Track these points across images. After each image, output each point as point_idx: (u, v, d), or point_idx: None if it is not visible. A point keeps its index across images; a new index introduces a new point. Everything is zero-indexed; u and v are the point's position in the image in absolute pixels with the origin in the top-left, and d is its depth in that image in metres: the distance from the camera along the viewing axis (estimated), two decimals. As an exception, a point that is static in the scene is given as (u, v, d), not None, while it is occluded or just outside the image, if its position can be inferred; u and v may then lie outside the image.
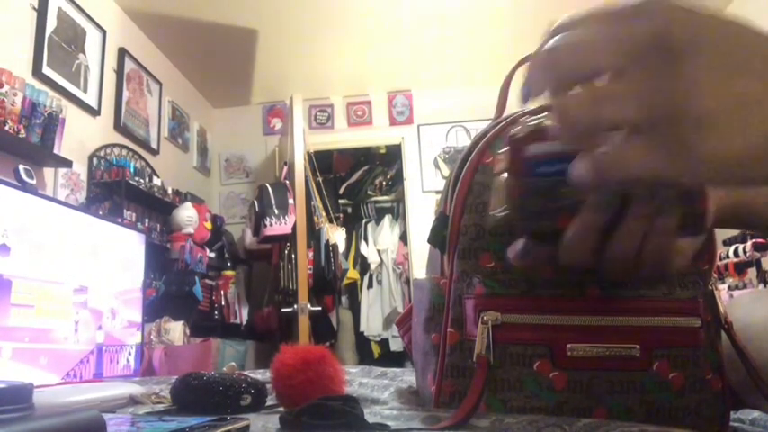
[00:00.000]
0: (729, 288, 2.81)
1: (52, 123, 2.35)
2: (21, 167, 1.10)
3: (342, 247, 4.21)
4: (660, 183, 0.32)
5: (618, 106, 0.28)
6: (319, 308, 3.54)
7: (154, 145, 3.60)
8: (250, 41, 3.74)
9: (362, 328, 4.45)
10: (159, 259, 3.20)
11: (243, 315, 3.91)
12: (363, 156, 4.94)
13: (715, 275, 0.47)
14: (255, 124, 4.70)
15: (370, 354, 4.45)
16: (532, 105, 0.37)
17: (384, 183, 4.91)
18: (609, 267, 0.38)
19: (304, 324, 2.99)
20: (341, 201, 4.90)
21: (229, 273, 3.87)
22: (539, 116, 0.38)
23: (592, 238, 0.36)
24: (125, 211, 2.88)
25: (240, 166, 4.68)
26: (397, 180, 4.80)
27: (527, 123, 0.38)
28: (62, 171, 2.61)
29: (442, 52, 4.01)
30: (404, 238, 4.53)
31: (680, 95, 0.27)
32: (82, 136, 2.81)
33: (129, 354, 1.10)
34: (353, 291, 4.61)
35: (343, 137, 4.62)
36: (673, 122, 0.27)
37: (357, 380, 0.75)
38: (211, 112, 4.73)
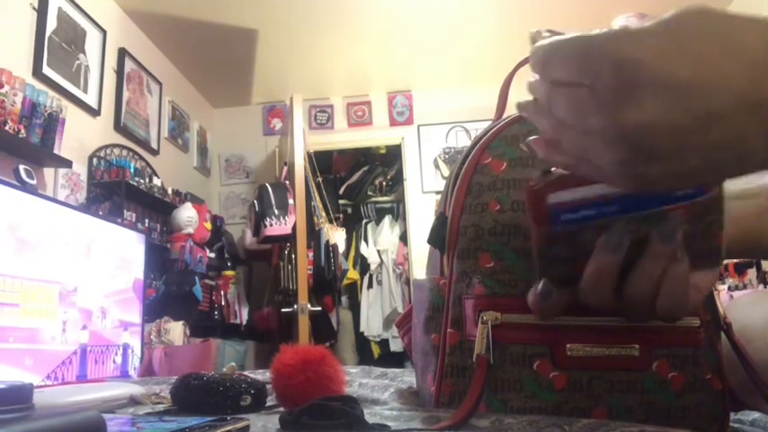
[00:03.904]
0: (729, 288, 2.81)
1: (52, 123, 2.35)
2: (21, 167, 1.09)
3: (342, 248, 4.20)
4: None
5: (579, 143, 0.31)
6: (319, 308, 3.54)
7: (154, 145, 3.60)
8: (250, 41, 3.74)
9: (362, 328, 4.45)
10: (159, 259, 3.21)
11: (243, 315, 3.91)
12: (363, 156, 4.93)
13: (715, 276, 0.47)
14: (255, 124, 4.70)
15: (371, 354, 4.45)
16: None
17: (384, 183, 4.91)
18: (628, 308, 0.38)
19: (304, 324, 2.99)
20: (341, 201, 4.90)
21: (229, 273, 3.86)
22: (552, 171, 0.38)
23: (608, 279, 0.37)
24: (125, 211, 2.88)
25: (240, 167, 4.68)
26: (397, 180, 4.80)
27: (544, 172, 0.37)
28: (62, 171, 2.60)
29: (442, 52, 4.01)
30: (404, 238, 4.53)
31: (633, 133, 0.28)
32: (82, 136, 2.81)
33: (116, 354, 1.08)
34: (353, 291, 4.61)
35: (343, 137, 4.62)
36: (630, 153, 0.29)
37: (357, 380, 0.75)
38: (211, 112, 4.73)
